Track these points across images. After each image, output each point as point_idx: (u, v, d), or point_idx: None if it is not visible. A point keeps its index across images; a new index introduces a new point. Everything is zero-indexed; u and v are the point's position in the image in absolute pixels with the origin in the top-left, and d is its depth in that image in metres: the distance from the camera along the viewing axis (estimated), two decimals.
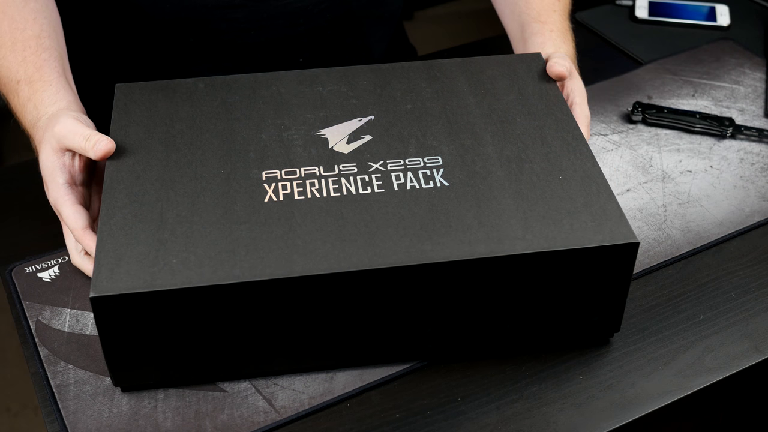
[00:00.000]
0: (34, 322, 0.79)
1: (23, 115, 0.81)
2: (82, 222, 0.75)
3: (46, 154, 0.77)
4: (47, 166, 0.77)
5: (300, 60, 1.05)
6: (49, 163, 0.76)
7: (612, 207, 0.73)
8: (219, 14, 0.98)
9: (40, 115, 0.79)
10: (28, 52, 0.82)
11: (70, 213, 0.76)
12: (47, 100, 0.80)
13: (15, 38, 0.82)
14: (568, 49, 0.92)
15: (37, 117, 0.79)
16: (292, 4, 1.00)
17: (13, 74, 0.82)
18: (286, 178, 0.75)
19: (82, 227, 0.75)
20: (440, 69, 0.87)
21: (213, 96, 0.83)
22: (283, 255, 0.68)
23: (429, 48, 1.27)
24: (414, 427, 0.71)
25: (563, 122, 0.81)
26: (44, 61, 0.82)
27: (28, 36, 0.83)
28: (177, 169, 0.75)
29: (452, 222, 0.71)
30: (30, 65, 0.81)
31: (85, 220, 0.76)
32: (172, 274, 0.67)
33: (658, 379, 0.75)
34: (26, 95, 0.81)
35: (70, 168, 0.77)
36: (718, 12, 1.21)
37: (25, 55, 0.82)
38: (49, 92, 0.80)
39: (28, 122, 0.81)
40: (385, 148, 0.78)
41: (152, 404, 0.72)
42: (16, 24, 0.83)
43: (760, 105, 1.05)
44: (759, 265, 0.85)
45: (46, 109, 0.79)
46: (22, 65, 0.81)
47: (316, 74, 0.86)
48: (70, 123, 0.76)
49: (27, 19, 0.84)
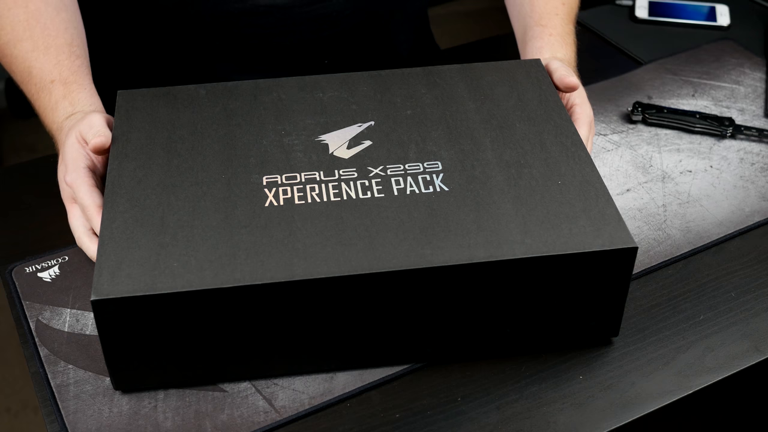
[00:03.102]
0: (34, 322, 0.79)
1: (54, 111, 0.84)
2: (98, 201, 0.78)
3: (71, 141, 0.80)
4: (71, 152, 0.80)
5: (325, 62, 1.05)
6: (74, 150, 0.79)
7: (611, 212, 0.73)
8: (244, 20, 0.99)
9: (75, 113, 0.83)
10: (63, 57, 0.86)
11: (87, 192, 0.78)
12: (84, 100, 0.84)
13: (48, 44, 0.86)
14: (565, 53, 0.92)
15: (71, 113, 0.83)
16: (317, 10, 1.00)
17: (46, 74, 0.85)
18: (287, 183, 0.75)
19: (97, 206, 0.78)
20: (440, 75, 0.87)
21: (214, 102, 0.83)
22: (284, 259, 0.68)
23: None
24: (414, 427, 0.71)
25: (562, 128, 0.81)
26: (78, 67, 0.86)
27: (61, 43, 0.86)
28: (178, 174, 0.75)
29: (451, 226, 0.71)
30: (65, 68, 0.85)
31: (100, 201, 0.78)
32: (173, 278, 0.67)
33: (658, 379, 0.75)
34: (61, 93, 0.84)
35: (93, 158, 0.80)
36: (718, 12, 1.21)
37: (59, 59, 0.85)
38: (85, 94, 0.84)
39: (58, 117, 0.84)
40: (385, 154, 0.78)
41: (152, 404, 0.72)
42: (49, 31, 0.87)
43: (760, 105, 1.05)
44: (759, 265, 0.85)
45: (83, 109, 0.83)
46: (57, 67, 0.85)
47: (316, 80, 0.86)
48: (95, 118, 0.80)
49: (59, 28, 0.87)
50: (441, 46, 1.25)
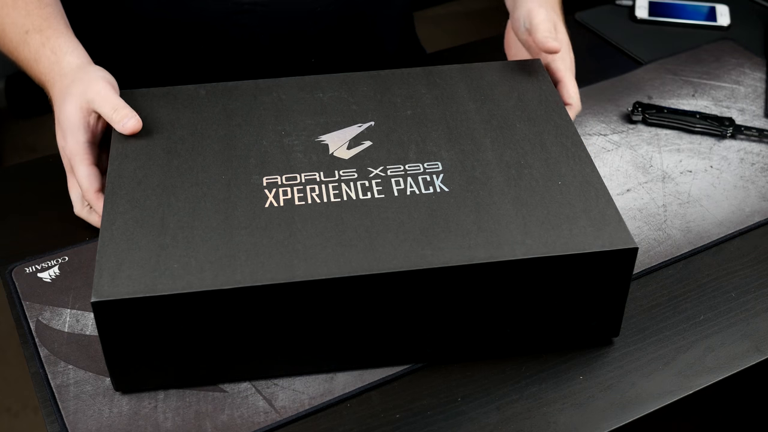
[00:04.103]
0: (34, 322, 0.79)
1: (37, 62, 0.82)
2: (96, 184, 0.79)
3: (72, 108, 0.78)
4: (71, 120, 0.78)
5: (312, 60, 1.05)
6: (75, 119, 0.78)
7: (611, 212, 0.73)
8: (229, 20, 0.99)
9: (59, 60, 0.81)
10: (32, 7, 0.84)
11: (86, 174, 0.79)
12: (64, 46, 0.81)
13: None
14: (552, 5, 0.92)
15: (56, 61, 0.81)
16: (301, 5, 1.00)
17: (19, 27, 0.83)
18: (287, 183, 0.75)
19: (96, 190, 0.79)
20: (440, 75, 0.87)
21: (214, 102, 0.83)
22: (284, 260, 0.68)
23: (429, 48, 1.27)
24: (414, 427, 0.71)
25: (562, 128, 0.81)
26: (49, 14, 0.84)
27: None
28: (178, 175, 0.75)
29: (452, 227, 0.71)
30: (36, 17, 0.83)
31: (99, 183, 0.79)
32: (173, 279, 0.67)
33: (658, 379, 0.75)
34: (39, 42, 0.82)
35: (93, 128, 0.80)
36: (718, 12, 1.21)
37: (29, 10, 0.83)
38: (63, 39, 0.82)
39: (44, 68, 0.82)
40: (385, 154, 0.78)
41: (152, 404, 0.72)
42: None
43: (760, 105, 1.05)
44: (759, 265, 0.85)
45: (66, 57, 0.81)
46: (28, 18, 0.83)
47: (316, 80, 0.86)
48: (103, 88, 0.79)
49: None
50: (440, 46, 1.25)
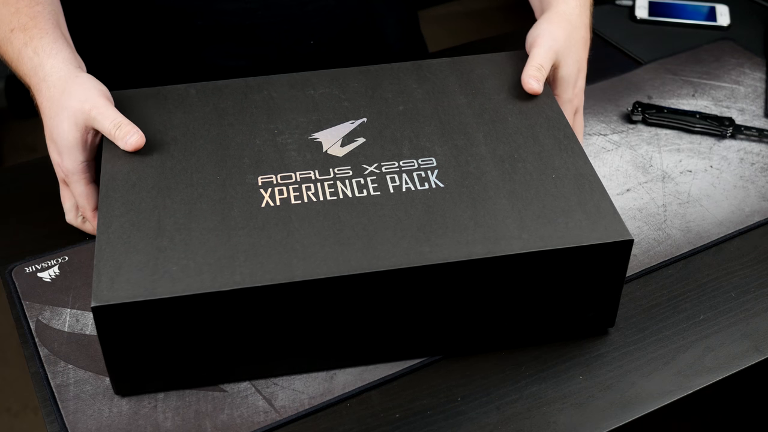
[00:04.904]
0: (34, 322, 0.79)
1: (20, 62, 0.81)
2: (94, 203, 0.79)
3: (68, 126, 0.77)
4: (68, 139, 0.77)
5: (311, 42, 1.03)
6: (72, 138, 0.77)
7: (605, 205, 0.73)
8: None
9: (42, 62, 0.79)
10: (22, 4, 0.82)
11: (84, 192, 0.79)
12: (47, 47, 0.80)
13: None
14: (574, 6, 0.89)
15: (39, 64, 0.79)
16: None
17: (6, 24, 0.81)
18: (282, 182, 0.75)
19: (93, 208, 0.79)
20: (430, 69, 0.87)
21: (205, 102, 0.83)
22: (282, 260, 0.68)
23: (430, 47, 1.27)
24: (414, 427, 0.71)
25: (554, 120, 0.81)
26: (38, 12, 0.82)
27: None
28: (173, 176, 0.75)
29: (449, 223, 0.71)
30: (23, 15, 0.81)
31: (95, 201, 0.79)
32: (172, 282, 0.67)
33: (658, 379, 0.75)
34: (22, 41, 0.80)
35: (91, 146, 0.79)
36: (718, 12, 1.21)
37: (18, 7, 0.82)
38: (47, 39, 0.80)
39: (27, 69, 0.80)
40: (379, 151, 0.78)
41: (152, 404, 0.72)
42: None
43: (760, 105, 1.05)
44: (759, 265, 0.85)
45: (49, 60, 0.79)
46: (15, 15, 0.81)
47: (306, 77, 0.86)
48: (100, 103, 0.77)
49: None
50: (441, 45, 1.25)
